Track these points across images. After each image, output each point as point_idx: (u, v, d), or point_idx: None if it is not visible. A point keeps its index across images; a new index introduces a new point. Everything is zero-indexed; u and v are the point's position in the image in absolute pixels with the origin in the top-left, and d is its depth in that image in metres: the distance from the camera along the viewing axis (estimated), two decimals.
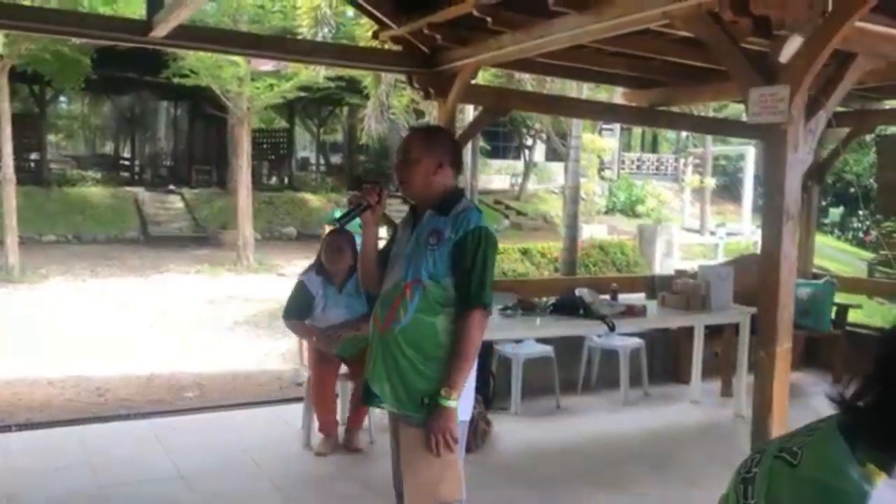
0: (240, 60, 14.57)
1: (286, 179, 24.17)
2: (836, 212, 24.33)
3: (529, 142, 25.54)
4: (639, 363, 5.87)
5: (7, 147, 13.81)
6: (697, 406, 5.71)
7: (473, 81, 5.25)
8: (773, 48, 3.19)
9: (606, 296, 5.42)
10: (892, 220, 16.68)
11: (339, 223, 3.55)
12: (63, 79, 17.00)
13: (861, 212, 21.67)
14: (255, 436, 4.79)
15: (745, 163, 24.05)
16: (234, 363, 8.33)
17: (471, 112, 12.37)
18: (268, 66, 15.94)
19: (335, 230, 4.56)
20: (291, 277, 7.60)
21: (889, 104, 6.91)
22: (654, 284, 6.27)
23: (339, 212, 4.59)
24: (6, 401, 6.55)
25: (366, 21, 8.00)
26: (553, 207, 22.95)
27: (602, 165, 24.60)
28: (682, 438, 5.08)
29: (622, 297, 5.54)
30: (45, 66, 15.79)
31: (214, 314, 11.22)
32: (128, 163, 26.44)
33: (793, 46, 3.08)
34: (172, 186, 21.84)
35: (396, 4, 4.85)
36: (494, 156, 26.76)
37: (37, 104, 21.52)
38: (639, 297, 6.19)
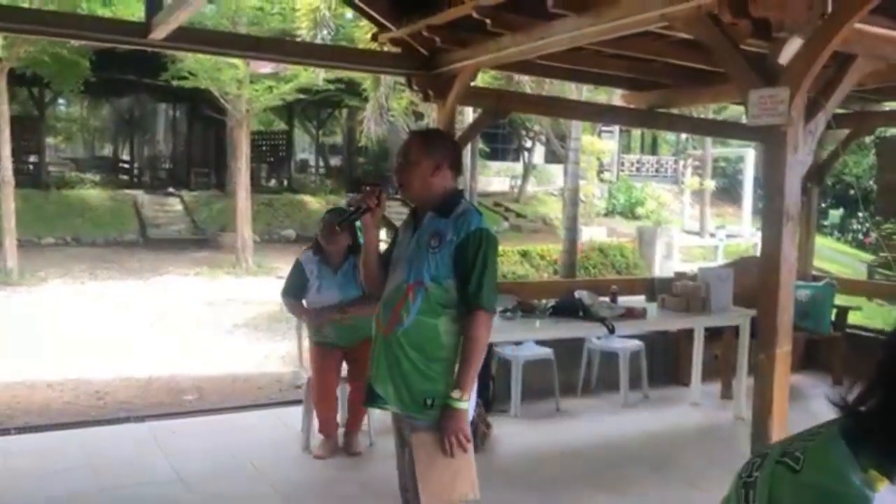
0: (239, 63, 14.57)
1: (285, 181, 24.14)
2: (836, 213, 24.33)
3: (529, 144, 25.55)
4: (638, 365, 5.86)
5: (6, 149, 13.83)
6: (697, 408, 5.71)
7: (473, 83, 5.26)
8: (773, 50, 3.19)
9: (606, 298, 5.40)
10: (892, 222, 16.69)
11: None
12: (62, 81, 17.00)
13: (861, 213, 21.67)
14: (255, 438, 4.78)
15: (745, 165, 24.07)
16: (234, 366, 8.33)
17: (470, 114, 12.37)
18: (267, 69, 15.95)
19: (334, 214, 4.59)
20: None
21: (889, 106, 6.92)
22: (654, 287, 6.26)
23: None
24: (5, 404, 6.54)
25: (365, 23, 8.03)
26: (552, 209, 22.96)
27: (601, 167, 24.60)
28: (682, 441, 5.08)
29: (622, 300, 5.53)
30: (44, 69, 15.80)
31: (213, 316, 11.22)
32: (127, 165, 26.39)
33: (792, 48, 3.08)
34: (171, 189, 21.81)
35: (395, 6, 4.85)
36: (494, 158, 26.76)
37: (36, 106, 21.50)
38: (638, 300, 6.18)
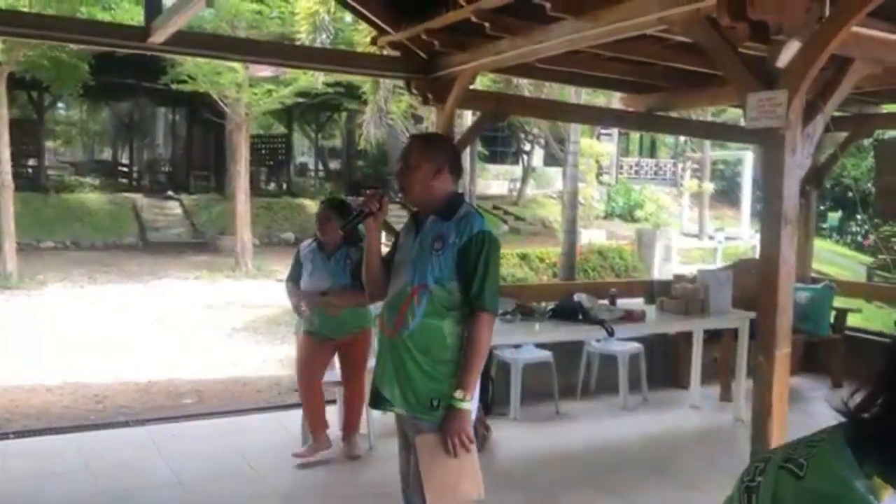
0: (238, 66, 14.57)
1: (284, 185, 24.16)
2: (835, 216, 24.34)
3: (528, 147, 25.57)
4: (638, 368, 5.86)
5: (5, 153, 13.83)
6: (697, 411, 5.70)
7: (472, 86, 5.27)
8: (771, 53, 3.19)
9: (605, 301, 5.41)
10: (890, 224, 16.70)
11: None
12: (61, 85, 16.99)
13: (859, 216, 21.68)
14: (254, 442, 4.78)
15: (744, 167, 24.11)
16: (233, 369, 8.32)
17: (469, 117, 12.37)
18: (266, 72, 15.96)
19: (330, 204, 4.63)
20: None
21: (887, 108, 6.92)
22: (653, 289, 6.26)
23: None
24: (3, 408, 6.53)
25: (364, 27, 8.03)
26: (551, 212, 22.98)
27: (600, 170, 24.60)
28: (682, 443, 5.08)
29: (621, 302, 5.53)
30: (44, 73, 15.80)
31: (213, 320, 11.21)
32: (126, 169, 26.41)
33: (790, 51, 3.08)
34: (171, 192, 21.80)
35: (395, 10, 4.86)
36: (493, 161, 26.79)
37: (35, 110, 21.51)
38: (637, 302, 6.18)
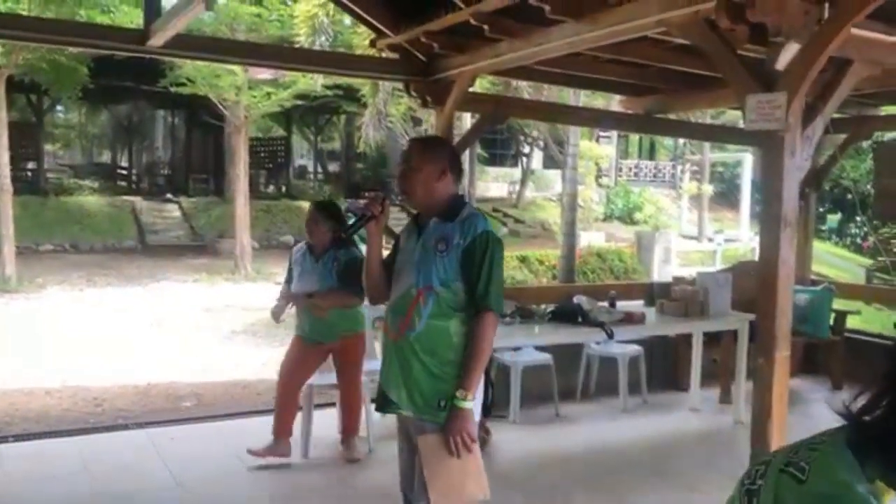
0: (237, 69, 14.58)
1: (284, 188, 24.16)
2: (834, 218, 24.34)
3: (527, 149, 25.56)
4: (637, 370, 5.86)
5: (4, 156, 13.82)
6: (696, 413, 5.70)
7: (471, 89, 5.27)
8: (770, 55, 3.19)
9: (605, 303, 5.41)
10: (890, 226, 16.71)
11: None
12: (60, 88, 17.00)
13: (858, 218, 21.69)
14: (253, 445, 4.76)
15: (743, 169, 24.13)
16: (232, 372, 8.30)
17: (468, 119, 12.39)
18: (265, 75, 15.95)
19: (318, 206, 4.62)
20: None
21: (886, 110, 6.92)
22: (653, 291, 6.25)
23: None
24: (3, 411, 6.51)
25: (363, 29, 8.02)
26: (551, 215, 22.97)
27: (599, 172, 24.58)
28: (682, 445, 5.07)
29: (620, 305, 5.52)
30: (43, 76, 15.80)
31: (212, 323, 11.20)
32: (125, 172, 26.44)
33: (789, 53, 3.08)
34: (170, 195, 21.82)
35: (394, 12, 4.86)
36: (492, 163, 26.79)
37: (34, 113, 21.51)
38: (637, 305, 6.17)
